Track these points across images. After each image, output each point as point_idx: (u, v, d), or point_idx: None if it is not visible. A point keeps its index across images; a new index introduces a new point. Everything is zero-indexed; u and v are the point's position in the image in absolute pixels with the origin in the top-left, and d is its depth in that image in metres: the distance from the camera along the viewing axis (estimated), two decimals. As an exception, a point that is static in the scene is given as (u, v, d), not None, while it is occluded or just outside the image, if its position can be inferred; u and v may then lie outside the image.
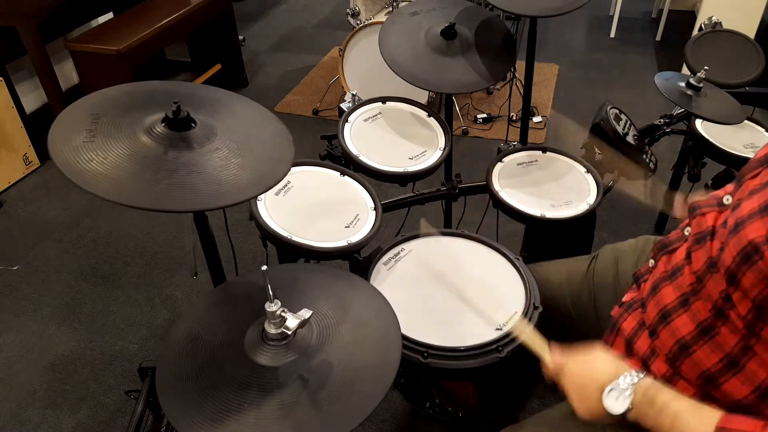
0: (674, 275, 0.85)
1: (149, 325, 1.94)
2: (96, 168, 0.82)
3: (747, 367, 0.76)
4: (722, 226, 0.78)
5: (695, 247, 0.82)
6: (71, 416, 1.66)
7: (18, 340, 1.90)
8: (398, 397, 1.65)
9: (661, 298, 0.85)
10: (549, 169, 1.51)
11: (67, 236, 2.33)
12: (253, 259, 2.17)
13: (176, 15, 2.76)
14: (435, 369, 1.01)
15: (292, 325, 0.80)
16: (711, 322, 0.78)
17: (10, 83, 2.61)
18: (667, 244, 0.91)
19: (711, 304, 0.78)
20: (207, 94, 1.04)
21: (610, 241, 1.19)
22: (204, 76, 3.19)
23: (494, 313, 1.08)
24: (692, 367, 0.80)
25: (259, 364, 0.80)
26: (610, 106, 1.74)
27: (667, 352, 0.83)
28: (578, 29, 4.10)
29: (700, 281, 0.79)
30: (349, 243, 1.18)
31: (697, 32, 2.34)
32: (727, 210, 0.80)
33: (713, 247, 0.78)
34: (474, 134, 2.94)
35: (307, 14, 4.46)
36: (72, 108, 0.92)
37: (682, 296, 0.82)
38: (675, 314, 0.82)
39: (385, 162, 1.41)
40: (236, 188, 0.87)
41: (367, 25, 2.74)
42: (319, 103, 3.18)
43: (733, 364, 0.76)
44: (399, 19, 1.54)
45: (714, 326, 0.78)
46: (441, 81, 1.45)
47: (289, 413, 0.75)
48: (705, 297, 0.79)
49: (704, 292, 0.79)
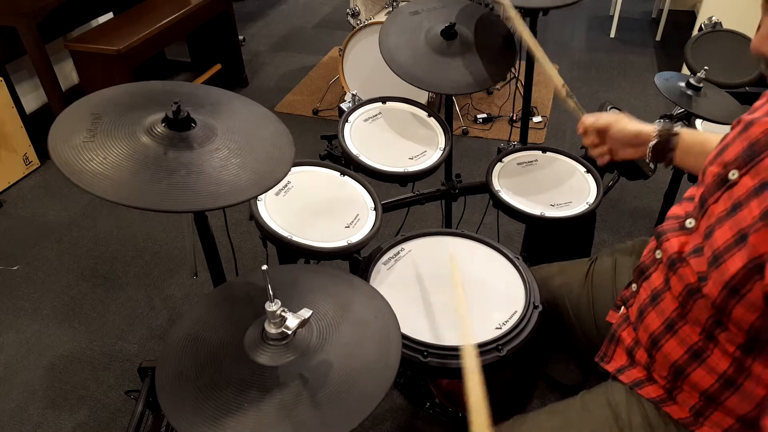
0: (655, 301, 0.85)
1: (149, 325, 1.94)
2: (96, 168, 0.82)
3: (744, 386, 0.76)
4: (694, 252, 0.78)
5: (670, 273, 0.82)
6: (71, 416, 1.66)
7: (18, 340, 1.90)
8: (398, 397, 1.65)
9: (648, 325, 0.85)
10: (549, 169, 1.51)
11: (67, 236, 2.33)
12: (253, 259, 2.17)
13: (176, 15, 2.76)
14: (435, 368, 1.01)
15: (292, 324, 0.80)
16: (702, 345, 0.78)
17: (10, 83, 2.62)
18: (644, 269, 0.90)
19: (700, 327, 0.78)
20: (207, 94, 1.04)
21: (610, 241, 1.19)
22: (204, 76, 3.19)
23: (494, 312, 1.08)
24: (691, 386, 0.81)
25: (259, 363, 0.80)
26: (610, 106, 1.74)
27: (665, 375, 0.84)
28: (578, 29, 4.10)
29: (683, 307, 0.79)
30: (349, 243, 1.18)
31: (697, 32, 2.33)
32: (692, 234, 0.80)
33: (688, 273, 0.78)
34: (474, 134, 2.94)
35: (307, 14, 4.46)
36: (72, 108, 0.92)
37: (667, 321, 0.82)
38: (663, 340, 0.83)
39: (385, 162, 1.41)
40: (236, 188, 0.87)
41: (367, 25, 2.74)
42: (319, 103, 3.18)
43: (729, 383, 0.76)
44: (399, 19, 1.54)
45: (705, 349, 0.78)
46: (441, 81, 1.44)
47: (289, 413, 0.75)
48: (693, 321, 0.79)
49: (691, 316, 0.79)
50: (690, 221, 0.82)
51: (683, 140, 1.02)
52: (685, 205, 0.86)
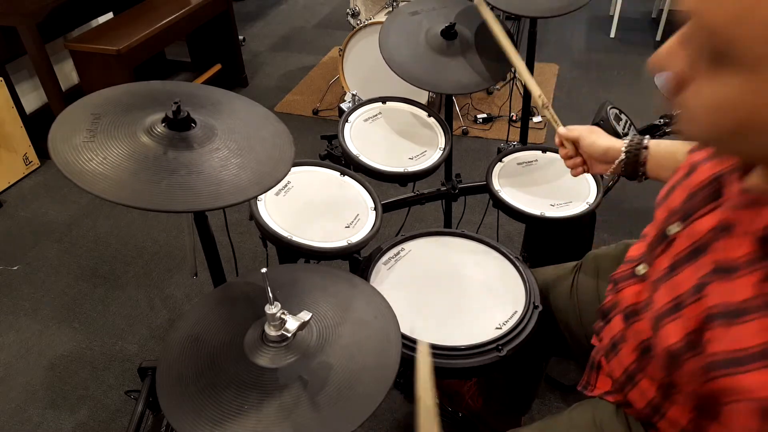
0: (615, 349, 0.81)
1: (149, 325, 1.94)
2: (96, 168, 0.82)
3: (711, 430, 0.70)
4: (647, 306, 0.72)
5: (626, 325, 0.78)
6: (71, 416, 1.66)
7: (18, 340, 1.90)
8: (398, 397, 1.65)
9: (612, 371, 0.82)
10: (549, 169, 1.50)
11: (67, 236, 2.33)
12: (253, 259, 2.17)
13: (176, 15, 2.76)
14: (435, 368, 1.01)
15: (292, 327, 0.79)
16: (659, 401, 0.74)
17: (10, 83, 2.62)
18: (606, 312, 0.86)
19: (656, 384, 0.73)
20: (207, 94, 1.04)
21: (611, 242, 1.18)
22: (204, 76, 3.19)
23: (494, 312, 1.08)
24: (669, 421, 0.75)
25: (259, 365, 0.80)
26: (610, 106, 1.74)
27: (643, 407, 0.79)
28: (578, 29, 4.10)
29: (639, 361, 0.76)
30: (349, 243, 1.18)
31: (697, 32, 2.33)
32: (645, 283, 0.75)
33: (643, 329, 0.74)
34: (474, 134, 2.94)
35: (307, 14, 4.46)
36: (72, 108, 0.92)
37: (625, 373, 0.79)
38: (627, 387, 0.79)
39: (385, 162, 1.41)
40: (236, 188, 0.87)
41: (367, 25, 2.73)
42: (319, 103, 3.18)
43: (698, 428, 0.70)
44: (399, 19, 1.54)
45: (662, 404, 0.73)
46: (441, 81, 1.44)
47: (289, 414, 0.75)
48: (650, 376, 0.75)
49: (648, 371, 0.74)
50: (642, 267, 0.77)
51: (652, 155, 0.98)
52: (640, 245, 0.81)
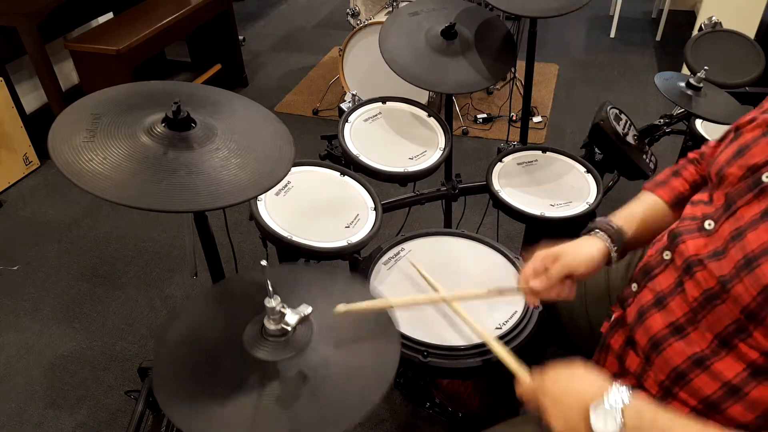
0: (661, 303, 0.82)
1: (149, 325, 1.94)
2: (96, 168, 0.82)
3: (750, 395, 0.73)
4: (714, 256, 0.75)
5: (686, 277, 0.79)
6: (71, 416, 1.66)
7: (18, 340, 1.90)
8: (398, 397, 1.65)
9: (650, 327, 0.82)
10: (549, 169, 1.51)
11: (67, 236, 2.33)
12: (253, 259, 2.17)
13: (176, 15, 2.76)
14: (435, 368, 1.01)
15: (292, 321, 0.79)
16: (708, 353, 0.76)
17: (10, 83, 2.61)
18: (649, 269, 0.87)
19: (712, 335, 0.75)
20: (207, 94, 1.04)
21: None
22: (204, 76, 3.19)
23: (494, 312, 1.08)
24: (691, 393, 0.78)
25: (258, 361, 0.80)
26: (610, 106, 1.74)
27: (663, 379, 0.81)
28: (578, 29, 4.10)
29: (697, 312, 0.77)
30: (349, 243, 1.18)
31: (697, 32, 2.33)
32: (711, 237, 0.77)
33: (706, 278, 0.75)
34: (474, 134, 2.94)
35: (307, 14, 4.46)
36: (72, 108, 0.92)
37: (673, 325, 0.79)
38: (666, 343, 0.80)
39: (385, 162, 1.41)
40: (236, 188, 0.87)
41: (367, 25, 2.74)
42: (319, 103, 3.18)
43: (734, 391, 0.74)
44: (399, 19, 1.54)
45: (709, 357, 0.75)
46: (441, 81, 1.45)
47: (287, 410, 0.75)
48: (705, 327, 0.76)
49: (704, 324, 0.76)
50: (709, 223, 0.79)
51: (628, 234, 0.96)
52: (702, 207, 0.83)
